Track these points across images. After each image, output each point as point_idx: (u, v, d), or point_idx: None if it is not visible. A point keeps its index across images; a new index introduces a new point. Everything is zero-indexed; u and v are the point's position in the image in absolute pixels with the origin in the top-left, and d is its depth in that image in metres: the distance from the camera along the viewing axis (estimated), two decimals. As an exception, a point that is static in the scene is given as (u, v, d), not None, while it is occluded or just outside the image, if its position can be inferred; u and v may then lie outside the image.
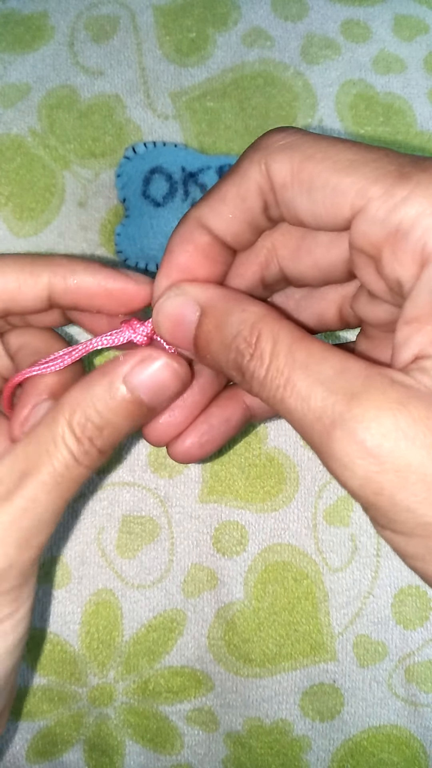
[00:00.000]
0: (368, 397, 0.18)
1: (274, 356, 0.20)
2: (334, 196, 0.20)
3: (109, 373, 0.24)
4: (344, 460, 0.18)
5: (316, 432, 0.19)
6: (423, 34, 0.40)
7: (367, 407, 0.18)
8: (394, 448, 0.18)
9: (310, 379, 0.19)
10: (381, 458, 0.18)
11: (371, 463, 0.18)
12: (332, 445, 0.19)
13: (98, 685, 0.36)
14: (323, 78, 0.39)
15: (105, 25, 0.40)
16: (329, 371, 0.19)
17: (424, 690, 0.36)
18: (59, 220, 0.37)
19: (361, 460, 0.18)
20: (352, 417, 0.18)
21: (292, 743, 0.36)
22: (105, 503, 0.36)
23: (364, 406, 0.18)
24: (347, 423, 0.18)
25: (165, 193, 0.36)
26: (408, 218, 0.19)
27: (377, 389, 0.19)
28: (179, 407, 0.27)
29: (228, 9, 0.40)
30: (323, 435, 0.19)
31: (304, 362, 0.20)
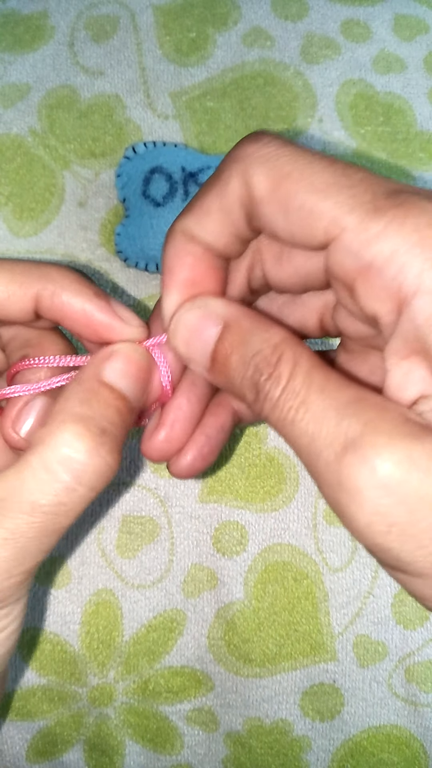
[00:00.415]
0: (383, 426, 0.18)
1: (292, 377, 0.20)
2: (310, 219, 0.19)
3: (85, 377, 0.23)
4: (353, 488, 0.18)
5: (323, 458, 0.19)
6: (423, 34, 0.40)
7: (381, 435, 0.18)
8: (406, 479, 0.17)
9: (325, 402, 0.19)
10: (392, 488, 0.17)
11: (382, 494, 0.17)
12: (342, 471, 0.18)
13: (98, 685, 0.36)
14: (323, 78, 0.39)
15: (105, 25, 0.40)
16: (345, 397, 0.19)
17: (424, 690, 0.36)
18: (59, 220, 0.37)
19: (372, 489, 0.18)
20: (366, 443, 0.18)
21: (292, 743, 0.36)
22: (105, 503, 0.36)
23: (378, 433, 0.18)
24: (360, 449, 0.18)
25: (165, 193, 0.36)
26: (381, 255, 0.18)
27: (392, 420, 0.18)
28: (178, 421, 0.26)
29: (228, 9, 0.40)
30: (333, 461, 0.18)
31: (321, 386, 0.19)
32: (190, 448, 0.27)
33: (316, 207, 0.19)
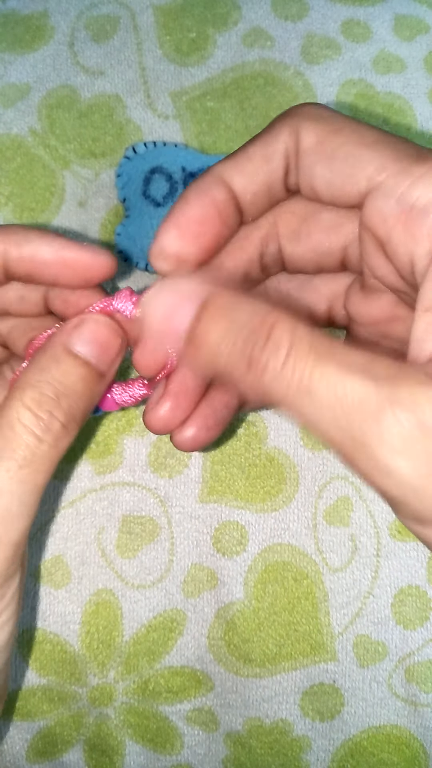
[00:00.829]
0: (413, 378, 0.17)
1: (295, 342, 0.19)
2: (354, 168, 0.21)
3: (50, 346, 0.24)
4: (397, 442, 0.17)
5: (356, 419, 0.18)
6: (423, 34, 0.40)
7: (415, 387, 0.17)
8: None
9: (342, 365, 0.18)
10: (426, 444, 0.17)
11: (426, 439, 0.17)
12: (382, 428, 0.17)
13: (98, 685, 0.36)
14: (323, 78, 0.39)
15: (105, 25, 0.40)
16: (360, 359, 0.18)
17: (424, 690, 0.36)
18: (59, 220, 0.37)
19: (418, 439, 0.17)
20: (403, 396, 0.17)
21: (292, 743, 0.36)
22: (105, 503, 0.36)
23: (412, 386, 0.17)
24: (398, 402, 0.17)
25: (165, 193, 0.36)
26: (425, 197, 0.19)
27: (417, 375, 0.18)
28: (183, 393, 0.26)
29: (228, 9, 0.40)
30: (368, 420, 0.17)
31: (329, 350, 0.18)
32: (194, 420, 0.26)
33: (363, 156, 0.20)
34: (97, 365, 0.24)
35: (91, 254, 0.24)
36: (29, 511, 0.23)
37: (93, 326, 0.24)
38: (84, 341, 0.24)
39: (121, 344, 0.25)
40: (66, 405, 0.23)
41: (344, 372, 0.18)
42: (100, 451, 0.36)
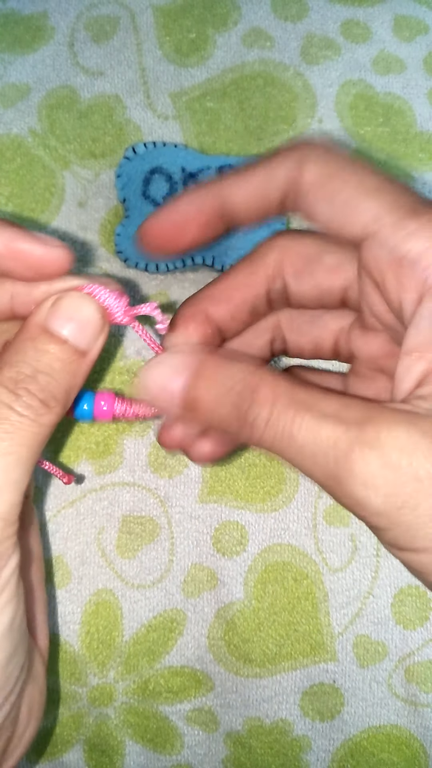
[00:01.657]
0: (379, 419, 0.19)
1: (276, 399, 0.21)
2: (352, 214, 0.22)
3: (26, 327, 0.24)
4: (366, 477, 0.19)
5: (331, 458, 0.20)
6: (423, 34, 0.41)
7: (380, 427, 0.19)
8: (412, 460, 0.19)
9: (318, 413, 0.20)
10: (402, 470, 0.19)
11: (393, 477, 0.19)
12: (352, 466, 0.19)
13: (98, 685, 0.36)
14: (323, 78, 0.39)
15: (105, 26, 0.40)
16: (334, 405, 0.20)
17: (424, 690, 0.36)
18: (59, 221, 0.38)
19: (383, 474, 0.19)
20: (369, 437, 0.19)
21: (292, 743, 0.36)
22: (105, 503, 0.36)
23: (378, 427, 0.19)
24: (365, 443, 0.19)
25: (165, 193, 0.36)
26: (414, 251, 0.21)
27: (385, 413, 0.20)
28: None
29: (228, 9, 0.40)
30: (340, 459, 0.19)
31: (306, 401, 0.21)
32: (210, 435, 0.27)
33: (361, 204, 0.22)
34: (75, 343, 0.24)
35: (45, 247, 0.24)
36: (15, 485, 0.22)
37: (70, 303, 0.24)
38: (60, 319, 0.23)
39: (101, 321, 0.24)
40: (44, 382, 0.23)
41: (319, 419, 0.20)
42: (100, 451, 0.36)
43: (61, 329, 0.23)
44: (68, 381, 0.24)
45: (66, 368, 0.23)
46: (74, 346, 0.23)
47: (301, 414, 0.20)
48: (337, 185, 0.22)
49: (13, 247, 0.24)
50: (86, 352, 0.24)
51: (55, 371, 0.23)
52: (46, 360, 0.23)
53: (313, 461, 0.20)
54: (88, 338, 0.24)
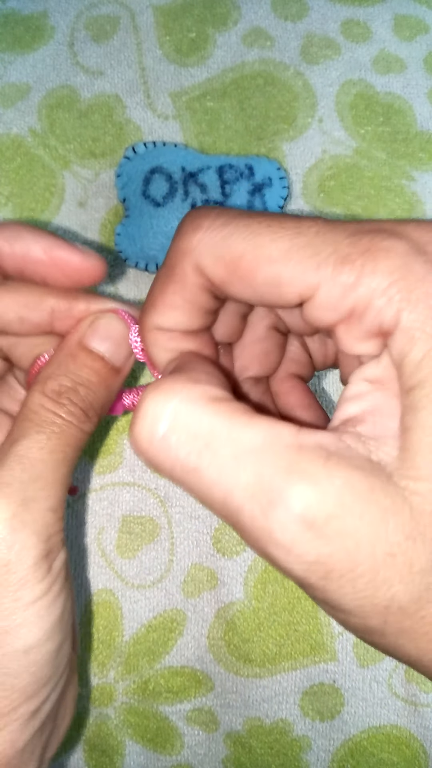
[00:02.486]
0: (307, 472, 0.17)
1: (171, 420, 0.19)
2: (279, 289, 0.19)
3: (66, 344, 0.25)
4: (287, 542, 0.17)
5: (247, 512, 0.17)
6: (423, 34, 0.40)
7: (307, 483, 0.17)
8: (342, 527, 0.16)
9: (235, 446, 0.18)
10: (327, 537, 0.17)
11: (320, 545, 0.17)
12: (273, 526, 0.17)
13: (98, 685, 0.36)
14: (323, 78, 0.39)
15: (105, 25, 0.40)
16: (258, 439, 0.17)
17: (424, 690, 0.36)
18: (59, 220, 0.37)
19: (308, 542, 0.17)
20: (293, 495, 0.17)
21: (292, 743, 0.36)
22: (105, 503, 0.36)
23: (305, 482, 0.17)
24: (288, 501, 0.17)
25: (165, 193, 0.36)
26: (363, 299, 0.18)
27: (315, 462, 0.17)
28: None
29: (228, 9, 0.40)
30: (258, 516, 0.17)
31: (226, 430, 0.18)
32: None
33: (282, 277, 0.19)
34: (111, 360, 0.25)
35: (81, 256, 0.25)
36: (62, 480, 0.24)
37: (107, 324, 0.26)
38: (98, 338, 0.25)
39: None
40: (84, 393, 0.25)
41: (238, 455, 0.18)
42: (100, 451, 0.36)
43: (99, 347, 0.25)
44: (104, 394, 0.25)
45: (102, 382, 0.25)
46: (110, 362, 0.25)
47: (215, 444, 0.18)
48: (247, 269, 0.19)
49: (52, 254, 0.25)
50: (120, 368, 0.26)
51: (93, 384, 0.25)
52: (85, 374, 0.25)
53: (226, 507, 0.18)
54: (122, 356, 0.26)
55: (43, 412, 0.24)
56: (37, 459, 0.23)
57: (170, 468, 0.18)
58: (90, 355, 0.25)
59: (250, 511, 0.17)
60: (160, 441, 0.18)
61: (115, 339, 0.26)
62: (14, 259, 0.25)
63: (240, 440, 0.18)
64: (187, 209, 0.35)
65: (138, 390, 0.29)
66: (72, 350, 0.25)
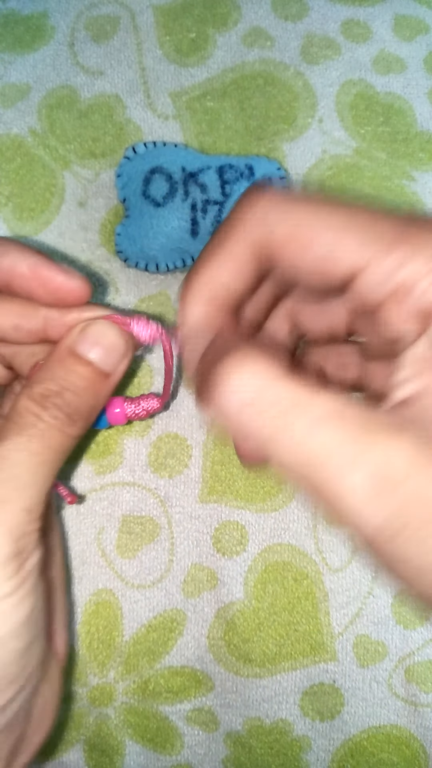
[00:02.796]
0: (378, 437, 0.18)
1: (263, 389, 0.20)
2: (332, 258, 0.20)
3: (57, 350, 0.26)
4: (362, 500, 0.18)
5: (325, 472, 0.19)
6: (423, 34, 0.40)
7: (380, 446, 0.18)
8: (413, 487, 0.18)
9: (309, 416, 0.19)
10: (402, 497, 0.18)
11: (392, 503, 0.18)
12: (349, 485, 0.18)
13: (98, 685, 0.36)
14: (323, 78, 0.39)
15: (105, 25, 0.40)
16: (329, 408, 0.19)
17: (424, 690, 0.36)
18: (59, 220, 0.37)
19: (382, 500, 0.18)
20: (367, 457, 0.18)
21: (292, 743, 0.36)
22: (105, 503, 0.36)
23: (377, 446, 0.18)
24: (363, 463, 0.18)
25: (165, 193, 0.36)
26: (409, 279, 0.20)
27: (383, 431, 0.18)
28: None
29: (228, 9, 0.40)
30: (335, 478, 0.18)
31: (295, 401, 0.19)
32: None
33: (337, 247, 0.20)
34: (99, 365, 0.26)
35: (65, 276, 0.26)
36: (41, 483, 0.24)
37: (96, 330, 0.26)
38: (87, 344, 0.26)
39: (126, 347, 0.26)
40: (69, 398, 0.25)
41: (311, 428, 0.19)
42: (100, 451, 0.36)
43: (87, 353, 0.26)
44: (91, 399, 0.26)
45: (90, 387, 0.26)
46: (98, 368, 0.26)
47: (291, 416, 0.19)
48: (309, 233, 0.21)
49: (37, 272, 0.26)
50: (109, 374, 0.26)
51: (79, 389, 0.25)
52: (72, 379, 0.25)
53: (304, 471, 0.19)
54: (111, 362, 0.26)
55: (26, 414, 0.24)
56: (14, 460, 0.24)
57: (257, 431, 0.19)
58: (78, 361, 0.25)
59: (327, 471, 0.18)
60: (249, 407, 0.19)
61: (104, 345, 0.26)
62: (1, 274, 0.26)
63: (314, 409, 0.19)
64: (187, 209, 0.35)
65: (140, 400, 0.29)
66: (61, 356, 0.26)
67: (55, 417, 0.25)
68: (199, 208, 0.36)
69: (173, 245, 0.36)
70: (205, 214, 0.36)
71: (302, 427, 0.19)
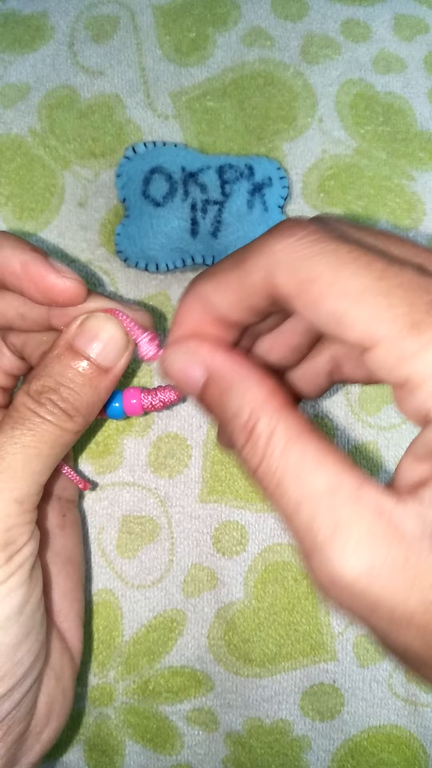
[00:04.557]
0: (352, 531, 0.18)
1: (267, 452, 0.20)
2: (341, 326, 0.19)
3: (55, 345, 0.25)
4: (323, 584, 0.18)
5: (300, 544, 0.19)
6: (423, 34, 0.40)
7: (346, 542, 0.18)
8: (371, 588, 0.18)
9: (300, 490, 0.19)
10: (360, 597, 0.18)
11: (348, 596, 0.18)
12: (312, 565, 0.18)
13: (98, 685, 0.36)
14: (323, 78, 0.39)
15: (105, 25, 0.40)
16: (321, 485, 0.19)
17: (424, 690, 0.36)
18: (59, 220, 0.37)
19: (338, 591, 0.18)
20: (333, 550, 0.18)
21: (292, 743, 0.36)
22: (105, 503, 0.36)
23: (347, 543, 0.18)
24: (328, 554, 0.18)
25: (165, 193, 0.36)
26: (415, 376, 0.18)
27: (363, 523, 0.18)
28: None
29: (228, 9, 0.40)
30: (307, 552, 0.19)
31: (296, 469, 0.19)
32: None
33: (347, 316, 0.18)
34: (97, 360, 0.25)
35: (56, 275, 0.25)
36: (33, 476, 0.24)
37: (95, 324, 0.25)
38: (85, 338, 0.25)
39: (125, 341, 0.26)
40: (66, 394, 0.25)
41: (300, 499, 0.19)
42: (100, 451, 0.36)
43: (85, 347, 0.25)
44: (90, 394, 0.25)
45: (88, 383, 0.25)
46: (97, 363, 0.25)
47: (286, 482, 0.19)
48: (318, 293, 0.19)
49: (28, 269, 0.25)
50: (109, 369, 0.26)
51: (77, 385, 0.25)
52: (69, 375, 0.25)
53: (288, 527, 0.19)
54: (111, 356, 0.25)
55: (23, 410, 0.24)
56: (5, 451, 0.24)
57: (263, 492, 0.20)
58: (75, 356, 0.25)
59: (302, 548, 0.19)
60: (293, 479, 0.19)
61: (103, 339, 0.25)
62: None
63: (306, 483, 0.19)
64: (187, 209, 0.35)
65: (156, 391, 0.29)
66: (59, 350, 0.25)
67: (51, 412, 0.24)
68: (199, 208, 0.36)
69: (173, 245, 0.36)
70: (204, 214, 0.36)
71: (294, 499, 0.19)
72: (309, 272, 0.19)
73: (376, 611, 0.18)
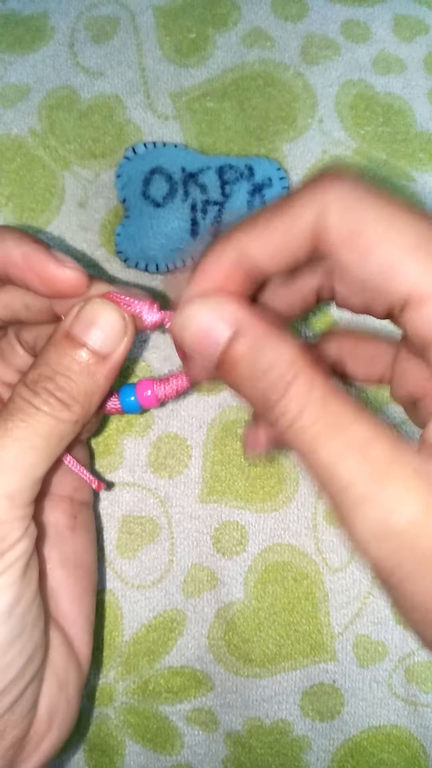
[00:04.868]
0: (397, 480, 0.18)
1: (309, 403, 0.19)
2: (389, 279, 0.18)
3: (53, 333, 0.25)
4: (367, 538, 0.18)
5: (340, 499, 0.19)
6: (423, 34, 0.41)
7: (396, 489, 0.18)
8: (420, 535, 0.18)
9: (342, 440, 0.19)
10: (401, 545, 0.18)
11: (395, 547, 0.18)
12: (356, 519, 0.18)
13: (98, 685, 0.36)
14: (323, 78, 0.39)
15: (105, 26, 0.40)
16: (363, 436, 0.19)
17: (424, 690, 0.36)
18: (59, 221, 0.38)
19: (385, 543, 0.18)
20: (382, 498, 0.18)
21: (292, 743, 0.36)
22: (105, 503, 0.36)
23: (394, 487, 0.18)
24: (375, 502, 0.18)
25: (165, 193, 0.36)
26: None
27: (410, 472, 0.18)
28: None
29: (228, 9, 0.40)
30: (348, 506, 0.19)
31: (336, 420, 0.19)
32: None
33: (397, 267, 0.18)
34: (94, 347, 0.24)
35: (57, 265, 0.25)
36: (26, 469, 0.23)
37: (91, 309, 0.25)
38: (82, 324, 0.24)
39: (124, 327, 0.25)
40: (62, 383, 0.24)
41: (343, 448, 0.19)
42: (100, 451, 0.36)
43: (81, 334, 0.24)
44: (87, 383, 0.24)
45: (85, 371, 0.24)
46: (93, 350, 0.24)
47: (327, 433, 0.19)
48: (369, 241, 0.18)
49: (29, 260, 0.25)
50: (107, 355, 0.25)
51: (73, 373, 0.24)
52: (65, 363, 0.24)
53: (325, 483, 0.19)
54: (109, 343, 0.25)
55: (18, 400, 0.24)
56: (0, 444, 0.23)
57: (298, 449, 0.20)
58: (71, 343, 0.24)
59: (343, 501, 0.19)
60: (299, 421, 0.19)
61: (100, 325, 0.24)
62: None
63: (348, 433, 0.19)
64: (187, 210, 0.36)
65: (168, 380, 0.28)
66: (56, 339, 0.25)
67: (46, 402, 0.24)
68: (199, 209, 0.36)
69: (173, 245, 0.36)
70: (204, 215, 0.36)
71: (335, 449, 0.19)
72: (362, 220, 0.18)
73: (424, 563, 0.18)
